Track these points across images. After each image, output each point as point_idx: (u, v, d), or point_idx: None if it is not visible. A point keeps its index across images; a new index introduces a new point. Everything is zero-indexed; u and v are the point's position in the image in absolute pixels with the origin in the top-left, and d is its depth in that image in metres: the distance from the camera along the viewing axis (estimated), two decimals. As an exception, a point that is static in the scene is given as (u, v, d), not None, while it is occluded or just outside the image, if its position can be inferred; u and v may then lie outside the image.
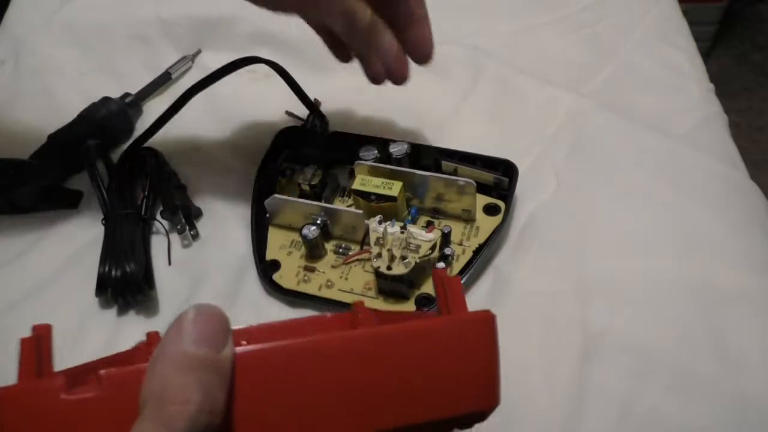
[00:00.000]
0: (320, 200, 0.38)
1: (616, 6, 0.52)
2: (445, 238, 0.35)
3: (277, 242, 0.38)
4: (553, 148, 0.42)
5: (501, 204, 0.38)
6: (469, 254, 0.36)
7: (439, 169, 0.39)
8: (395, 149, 0.39)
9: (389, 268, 0.33)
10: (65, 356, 0.33)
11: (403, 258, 0.33)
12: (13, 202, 0.40)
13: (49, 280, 0.37)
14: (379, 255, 0.33)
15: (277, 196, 0.37)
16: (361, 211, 0.36)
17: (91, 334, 0.34)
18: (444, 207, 0.37)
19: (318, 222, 0.36)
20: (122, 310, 0.35)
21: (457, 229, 0.37)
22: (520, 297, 0.34)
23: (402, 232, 0.34)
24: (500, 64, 0.42)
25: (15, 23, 0.54)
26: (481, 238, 0.37)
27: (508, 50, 0.48)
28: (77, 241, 0.38)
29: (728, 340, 0.32)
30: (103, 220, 0.37)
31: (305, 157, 0.40)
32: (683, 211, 0.38)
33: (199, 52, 0.50)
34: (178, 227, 0.38)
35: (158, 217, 0.39)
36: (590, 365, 0.32)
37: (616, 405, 0.31)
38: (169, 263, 0.37)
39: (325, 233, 0.37)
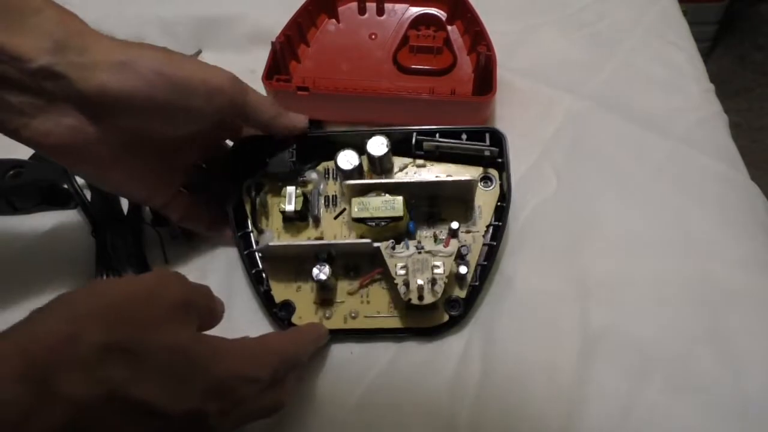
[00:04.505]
0: (307, 221, 0.36)
1: (616, 6, 0.52)
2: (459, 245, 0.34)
3: (281, 279, 0.35)
4: (553, 148, 0.42)
5: (495, 173, 0.37)
6: (476, 253, 0.35)
7: (420, 149, 0.37)
8: (374, 149, 0.35)
9: (420, 297, 0.32)
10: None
11: (433, 283, 0.32)
12: (13, 202, 0.40)
13: (49, 280, 0.37)
14: (406, 285, 0.32)
15: (271, 245, 0.34)
16: (369, 240, 0.33)
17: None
18: (443, 209, 0.37)
19: (324, 257, 0.34)
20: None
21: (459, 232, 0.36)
22: (521, 296, 0.34)
23: (419, 253, 0.32)
24: (500, 64, 0.42)
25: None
26: (485, 232, 0.36)
27: (509, 50, 0.48)
28: (77, 240, 0.38)
29: (728, 339, 0.32)
30: (92, 233, 0.37)
31: (270, 170, 0.36)
32: (683, 211, 0.38)
33: (199, 52, 0.50)
34: (171, 232, 0.38)
35: (149, 221, 0.38)
36: (591, 363, 0.32)
37: (617, 403, 0.31)
38: (166, 261, 0.37)
39: (329, 259, 0.34)
